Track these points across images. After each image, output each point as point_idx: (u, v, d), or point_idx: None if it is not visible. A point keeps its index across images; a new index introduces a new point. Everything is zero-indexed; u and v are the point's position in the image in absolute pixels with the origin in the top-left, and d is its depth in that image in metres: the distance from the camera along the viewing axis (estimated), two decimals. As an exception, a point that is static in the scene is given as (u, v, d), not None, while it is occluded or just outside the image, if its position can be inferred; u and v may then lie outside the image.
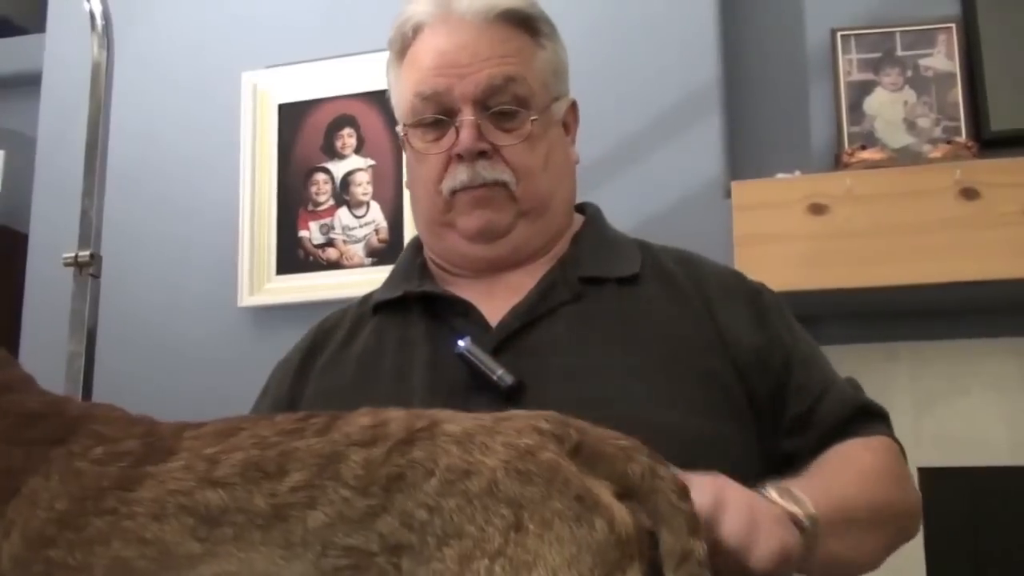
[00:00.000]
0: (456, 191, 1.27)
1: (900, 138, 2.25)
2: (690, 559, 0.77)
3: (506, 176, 1.26)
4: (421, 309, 1.30)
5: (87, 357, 1.58)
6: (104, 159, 1.68)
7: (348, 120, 2.50)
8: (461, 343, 1.18)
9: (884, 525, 1.14)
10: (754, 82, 2.40)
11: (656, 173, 2.25)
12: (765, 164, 2.25)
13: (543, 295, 1.26)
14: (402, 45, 1.33)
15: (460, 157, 1.26)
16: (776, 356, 1.25)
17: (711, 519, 0.90)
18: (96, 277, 1.60)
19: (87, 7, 1.73)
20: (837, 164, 2.21)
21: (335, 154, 2.51)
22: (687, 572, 0.77)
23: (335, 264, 2.46)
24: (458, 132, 1.26)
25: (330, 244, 2.48)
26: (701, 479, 0.91)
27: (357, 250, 2.45)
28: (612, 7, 2.36)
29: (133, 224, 2.55)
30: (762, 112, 2.38)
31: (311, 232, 2.49)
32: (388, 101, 1.40)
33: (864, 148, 2.17)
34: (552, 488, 0.74)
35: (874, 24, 2.32)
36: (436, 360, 1.22)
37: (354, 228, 2.46)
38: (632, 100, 2.30)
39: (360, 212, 2.47)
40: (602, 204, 1.45)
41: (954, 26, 2.28)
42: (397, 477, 0.76)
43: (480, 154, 1.25)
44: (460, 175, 1.26)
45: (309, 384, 1.32)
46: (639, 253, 1.33)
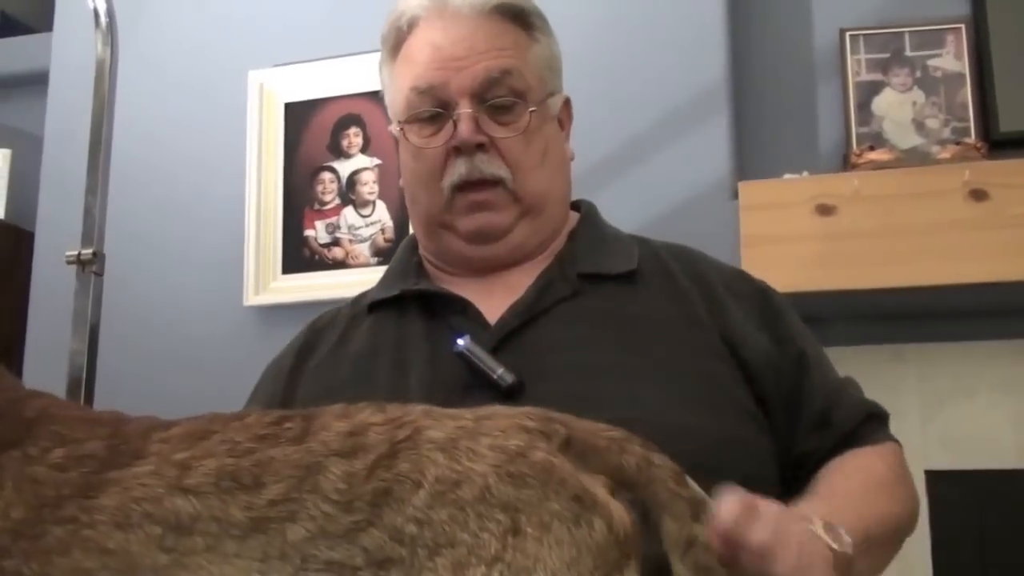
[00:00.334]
0: (456, 188, 1.26)
1: (909, 139, 2.24)
2: (696, 544, 0.77)
3: (502, 172, 1.26)
4: (418, 307, 1.29)
5: (89, 355, 1.57)
6: (108, 156, 1.68)
7: (354, 119, 2.49)
8: (460, 342, 1.17)
9: (897, 538, 1.16)
10: (762, 82, 2.39)
11: (663, 173, 2.25)
12: (772, 164, 2.24)
13: (541, 292, 1.25)
14: (396, 41, 1.33)
15: (458, 150, 1.25)
16: (788, 357, 1.24)
17: (767, 553, 0.86)
18: (99, 275, 1.60)
19: (91, 5, 1.73)
20: (845, 165, 2.20)
21: (341, 153, 2.51)
22: (694, 557, 0.76)
23: (341, 263, 2.46)
24: (456, 125, 1.25)
25: (336, 243, 2.47)
26: (766, 508, 0.89)
27: (363, 249, 2.45)
28: (619, 6, 2.35)
29: (138, 223, 2.55)
30: (770, 112, 2.37)
31: (317, 231, 2.49)
32: (393, 101, 1.39)
33: (872, 149, 2.17)
34: (548, 489, 0.73)
35: (883, 24, 2.31)
36: (434, 359, 1.21)
37: (360, 227, 2.46)
38: (639, 100, 2.30)
39: (366, 211, 2.47)
40: (609, 204, 1.45)
41: (963, 26, 2.26)
42: (384, 492, 0.74)
43: (478, 147, 1.25)
44: (459, 168, 1.25)
45: (303, 384, 1.30)
46: (636, 249, 1.32)
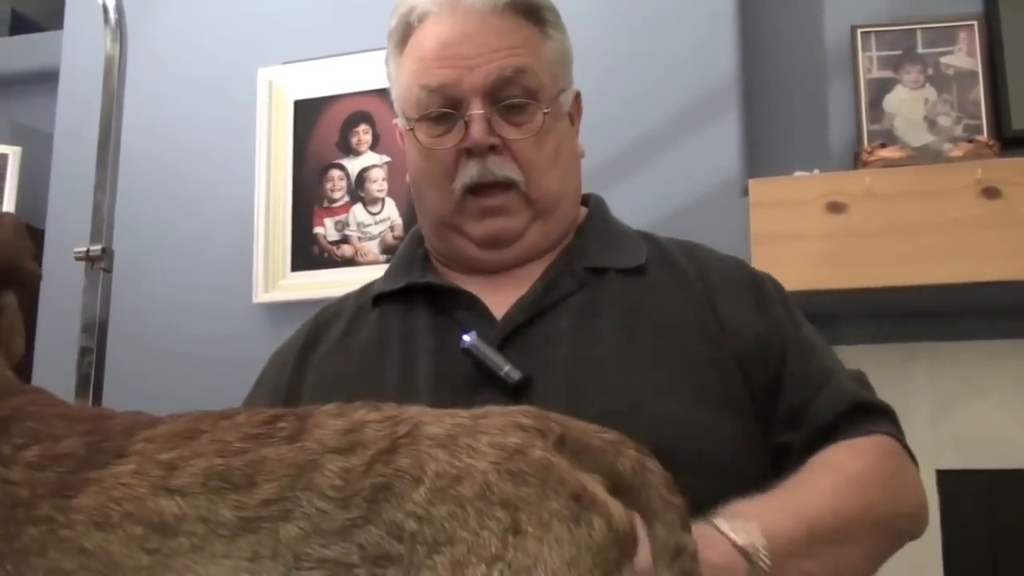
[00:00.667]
0: (467, 190, 1.23)
1: (920, 136, 2.23)
2: (683, 554, 0.76)
3: (515, 175, 1.23)
4: (424, 301, 1.27)
5: (98, 352, 1.57)
6: (117, 153, 1.68)
7: (364, 116, 2.49)
8: (467, 338, 1.16)
9: (870, 534, 1.08)
10: (773, 79, 2.38)
11: (673, 170, 2.24)
12: (783, 162, 2.23)
13: (548, 287, 1.24)
14: (403, 34, 1.29)
15: (470, 152, 1.22)
16: (774, 346, 1.21)
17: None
18: (108, 271, 1.59)
19: (100, 2, 1.73)
20: (856, 162, 2.19)
21: (350, 150, 2.50)
22: (681, 567, 0.76)
23: (350, 261, 2.45)
24: (467, 126, 1.22)
25: (345, 241, 2.47)
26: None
27: (372, 247, 2.45)
28: (630, 3, 2.35)
29: (148, 220, 2.56)
30: (780, 110, 2.36)
31: (326, 229, 2.48)
32: (404, 98, 1.37)
33: (883, 146, 2.15)
34: (548, 488, 0.72)
35: (894, 21, 2.30)
36: (441, 354, 1.20)
37: (369, 225, 2.46)
38: (649, 97, 2.29)
39: (375, 209, 2.46)
40: (619, 202, 1.44)
41: (976, 23, 2.25)
42: (383, 487, 0.73)
43: (490, 149, 1.22)
44: (471, 171, 1.22)
45: (308, 376, 1.29)
46: (644, 243, 1.30)
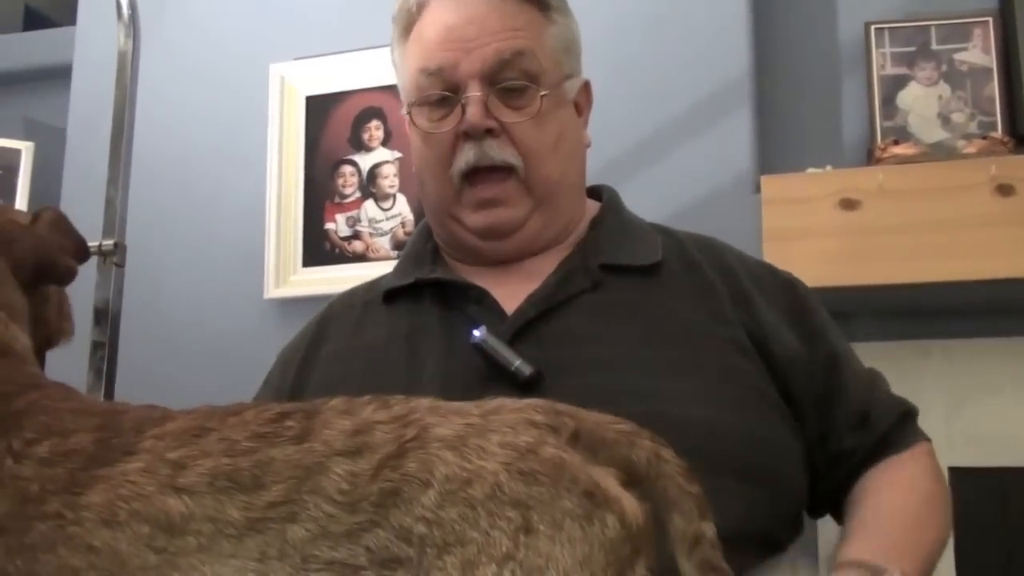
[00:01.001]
0: (465, 175, 1.22)
1: (934, 133, 2.22)
2: (702, 542, 0.76)
3: (513, 159, 1.21)
4: (433, 296, 1.26)
5: (110, 347, 1.57)
6: (129, 148, 1.68)
7: (375, 112, 2.49)
8: (477, 333, 1.14)
9: (942, 550, 1.18)
10: (786, 75, 2.37)
11: (685, 167, 2.23)
12: (796, 158, 2.22)
13: (561, 283, 1.22)
14: (407, 21, 1.28)
15: (467, 135, 1.21)
16: (819, 354, 1.22)
17: None
18: (120, 266, 1.60)
19: (114, -4, 1.73)
20: (869, 159, 2.18)
21: (362, 146, 2.50)
22: (701, 555, 0.76)
23: (361, 257, 2.45)
24: (464, 109, 1.21)
25: (356, 237, 2.47)
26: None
27: (383, 243, 2.45)
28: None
29: (160, 215, 2.56)
30: (793, 106, 2.36)
31: (337, 224, 2.49)
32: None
33: (897, 143, 2.14)
34: (559, 486, 0.72)
35: (908, 17, 2.29)
36: (451, 350, 1.18)
37: (380, 221, 2.46)
38: (662, 93, 2.28)
39: (386, 205, 2.46)
40: (630, 197, 1.43)
41: (990, 19, 2.24)
42: (391, 492, 0.73)
43: (487, 132, 1.20)
44: (467, 154, 1.21)
45: (315, 372, 1.28)
46: (660, 239, 1.28)
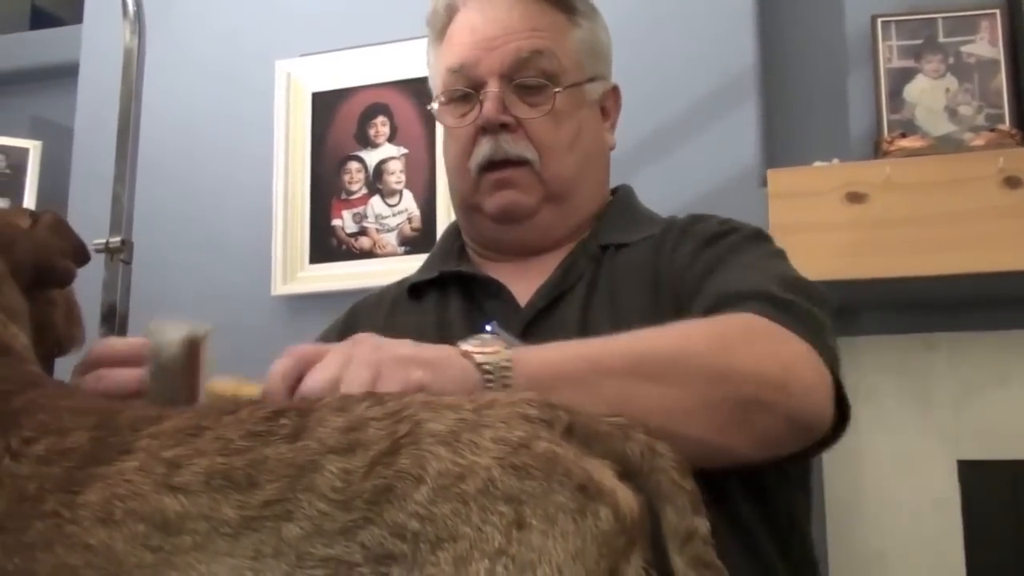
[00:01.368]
0: (483, 169, 1.26)
1: (941, 126, 2.21)
2: (694, 538, 0.76)
3: (528, 153, 1.25)
4: (457, 290, 1.31)
5: (118, 343, 1.58)
6: (136, 145, 1.69)
7: (381, 108, 2.49)
8: (488, 327, 1.17)
9: (685, 379, 0.98)
10: (792, 69, 2.37)
11: (692, 161, 2.23)
12: (802, 152, 2.21)
13: (567, 272, 1.26)
14: (440, 25, 1.34)
15: (484, 130, 1.26)
16: (700, 262, 1.18)
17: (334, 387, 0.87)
18: (127, 263, 1.61)
19: (119, -6, 1.74)
20: (876, 152, 2.18)
21: (368, 143, 2.50)
22: (692, 551, 0.76)
23: (368, 253, 2.46)
24: (482, 105, 1.26)
25: (363, 233, 2.47)
26: (336, 354, 0.90)
27: (390, 239, 2.45)
28: (648, -6, 2.34)
29: (167, 212, 2.56)
30: (800, 99, 2.35)
31: (344, 221, 2.49)
32: (422, 90, 1.41)
33: (904, 136, 2.14)
34: (552, 481, 0.71)
35: (915, 10, 2.28)
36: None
37: (387, 217, 2.46)
38: (668, 87, 2.28)
39: (393, 201, 2.47)
40: (638, 191, 1.44)
41: (998, 12, 2.23)
42: (385, 489, 0.73)
43: (504, 127, 1.25)
44: (483, 148, 1.26)
45: None
46: (662, 223, 1.31)
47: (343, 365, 0.89)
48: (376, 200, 2.47)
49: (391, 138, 2.48)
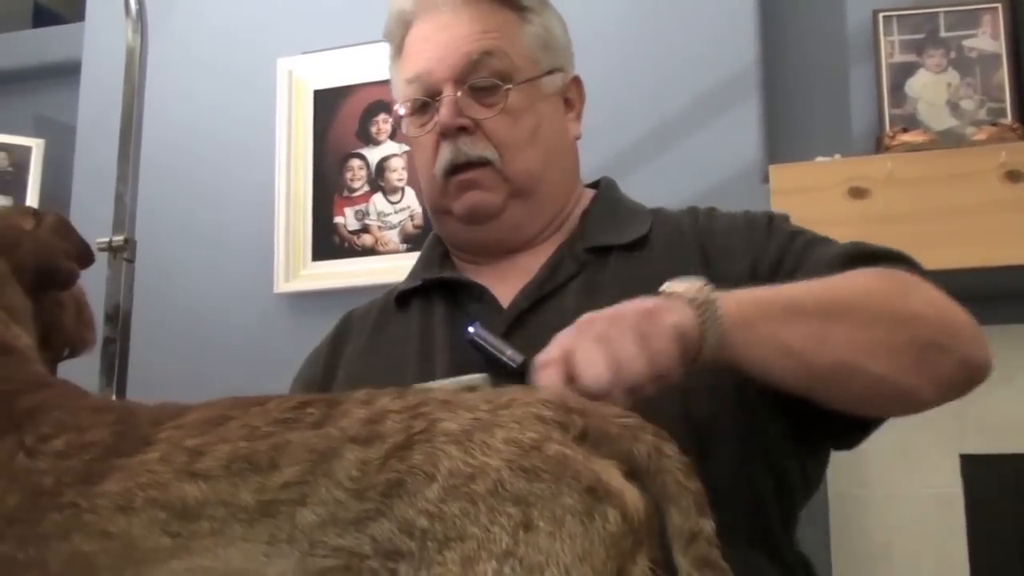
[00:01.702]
0: (448, 173, 1.27)
1: (943, 120, 2.21)
2: (699, 539, 0.77)
3: (488, 153, 1.26)
4: (441, 296, 1.31)
5: (121, 342, 1.58)
6: (138, 144, 1.69)
7: (383, 106, 2.49)
8: (471, 329, 1.18)
9: (869, 320, 1.03)
10: (794, 64, 2.37)
11: (693, 157, 2.23)
12: (804, 147, 2.21)
13: (552, 272, 1.26)
14: (399, 39, 1.35)
15: (443, 135, 1.27)
16: (770, 256, 1.20)
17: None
18: (130, 262, 1.61)
19: (121, -8, 1.74)
20: (878, 147, 2.18)
21: (370, 140, 2.51)
22: (697, 552, 0.76)
23: (370, 250, 2.46)
24: (439, 111, 1.27)
25: (365, 230, 2.47)
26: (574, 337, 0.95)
27: (392, 236, 2.45)
28: (649, -11, 2.34)
29: (169, 210, 2.57)
30: (801, 95, 2.35)
31: (346, 218, 2.49)
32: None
33: (906, 131, 2.14)
34: (561, 483, 0.72)
35: (917, 5, 2.28)
36: (455, 346, 1.23)
37: (389, 214, 2.46)
38: (669, 83, 2.28)
39: (395, 198, 2.47)
40: (639, 188, 1.44)
41: (999, 6, 2.23)
42: (397, 483, 0.74)
43: (462, 130, 1.25)
44: (445, 154, 1.27)
45: (340, 370, 1.32)
46: (650, 218, 1.30)
47: (606, 345, 0.92)
48: (378, 197, 2.48)
49: (393, 135, 2.49)
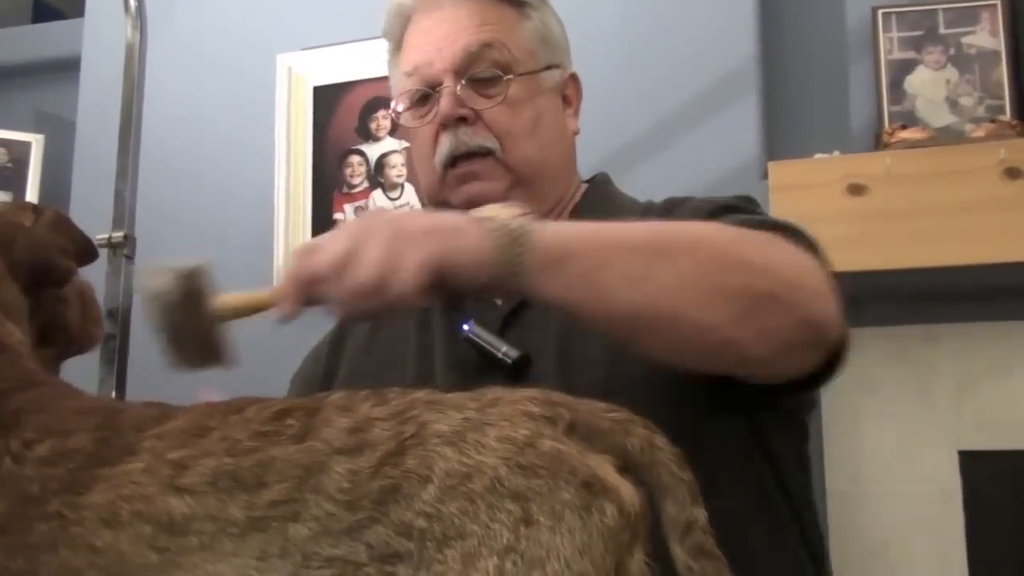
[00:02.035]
0: (447, 166, 1.27)
1: (942, 117, 2.21)
2: (695, 528, 0.78)
3: (489, 142, 1.26)
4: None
5: (121, 339, 1.58)
6: (138, 140, 1.69)
7: (383, 102, 2.49)
8: (465, 326, 1.18)
9: (694, 263, 0.98)
10: (793, 61, 2.37)
11: (692, 153, 2.23)
12: (803, 144, 2.22)
13: None
14: (397, 35, 1.35)
15: (443, 126, 1.27)
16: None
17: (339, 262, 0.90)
18: (130, 258, 1.61)
19: (121, -11, 1.74)
20: (877, 144, 2.18)
21: (370, 136, 2.51)
22: (693, 540, 0.77)
23: (370, 246, 2.46)
24: (439, 103, 1.27)
25: (365, 226, 2.47)
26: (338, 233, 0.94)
27: (392, 232, 2.45)
28: (649, -14, 2.34)
29: (169, 206, 2.57)
30: (801, 91, 2.35)
31: (346, 214, 2.49)
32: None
33: (905, 127, 2.14)
34: (558, 478, 0.73)
35: (915, 1, 2.28)
36: (451, 342, 1.23)
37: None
38: (668, 79, 2.28)
39: (395, 194, 2.47)
40: (638, 184, 1.44)
41: (998, 3, 2.23)
42: (392, 489, 0.74)
43: (462, 121, 1.26)
44: (445, 145, 1.27)
45: (341, 369, 1.33)
46: (641, 209, 1.31)
47: (355, 242, 0.91)
48: (378, 194, 2.48)
49: (392, 131, 2.49)
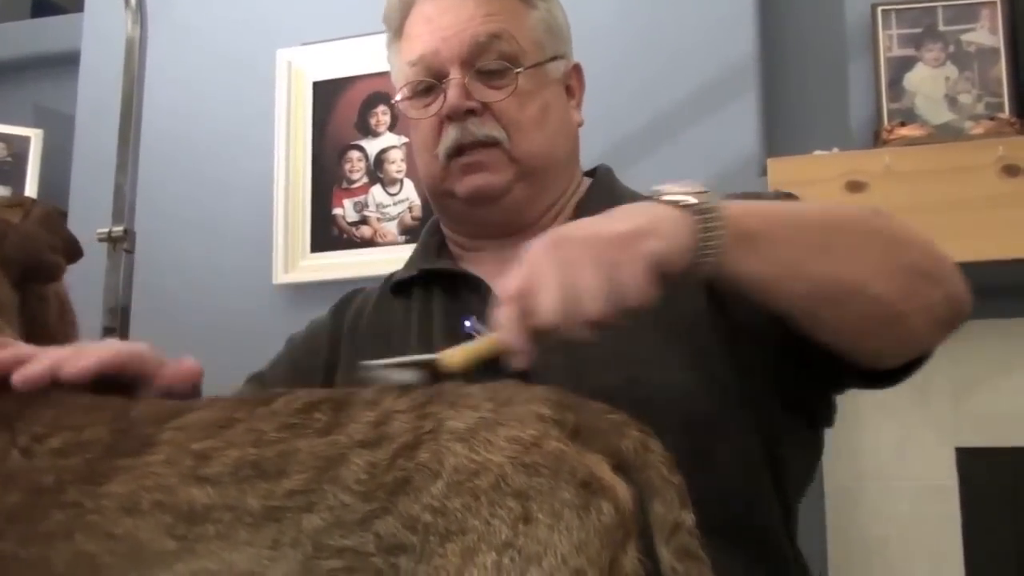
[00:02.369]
0: (451, 156, 1.26)
1: (941, 114, 2.22)
2: (681, 529, 0.79)
3: (497, 133, 1.25)
4: (440, 287, 1.30)
5: (121, 332, 1.59)
6: (137, 135, 1.69)
7: (382, 97, 2.49)
8: (467, 323, 1.18)
9: (863, 243, 1.03)
10: (792, 58, 2.37)
11: (692, 149, 2.23)
12: (802, 141, 2.22)
13: None
14: (396, 24, 1.34)
15: (450, 118, 1.25)
16: None
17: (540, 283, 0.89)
18: (130, 252, 1.61)
19: (121, -17, 1.74)
20: (876, 141, 2.18)
21: (369, 131, 2.51)
22: (678, 542, 0.79)
23: (369, 242, 2.46)
24: (446, 94, 1.25)
25: (364, 222, 2.48)
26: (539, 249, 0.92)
27: (391, 228, 2.45)
28: (648, -18, 2.34)
29: (168, 201, 2.57)
30: (800, 88, 2.35)
31: (345, 210, 2.49)
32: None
33: (904, 125, 2.14)
34: (559, 478, 0.75)
35: (915, -1, 2.28)
36: (453, 338, 1.19)
37: (388, 206, 2.46)
38: (668, 75, 2.28)
39: (394, 190, 2.47)
40: (637, 179, 1.43)
41: (998, 0, 2.23)
42: (403, 481, 0.76)
43: (469, 112, 1.25)
44: (451, 134, 1.25)
45: (342, 357, 1.32)
46: None
47: (564, 275, 0.89)
48: (377, 189, 2.48)
49: (392, 127, 2.49)
